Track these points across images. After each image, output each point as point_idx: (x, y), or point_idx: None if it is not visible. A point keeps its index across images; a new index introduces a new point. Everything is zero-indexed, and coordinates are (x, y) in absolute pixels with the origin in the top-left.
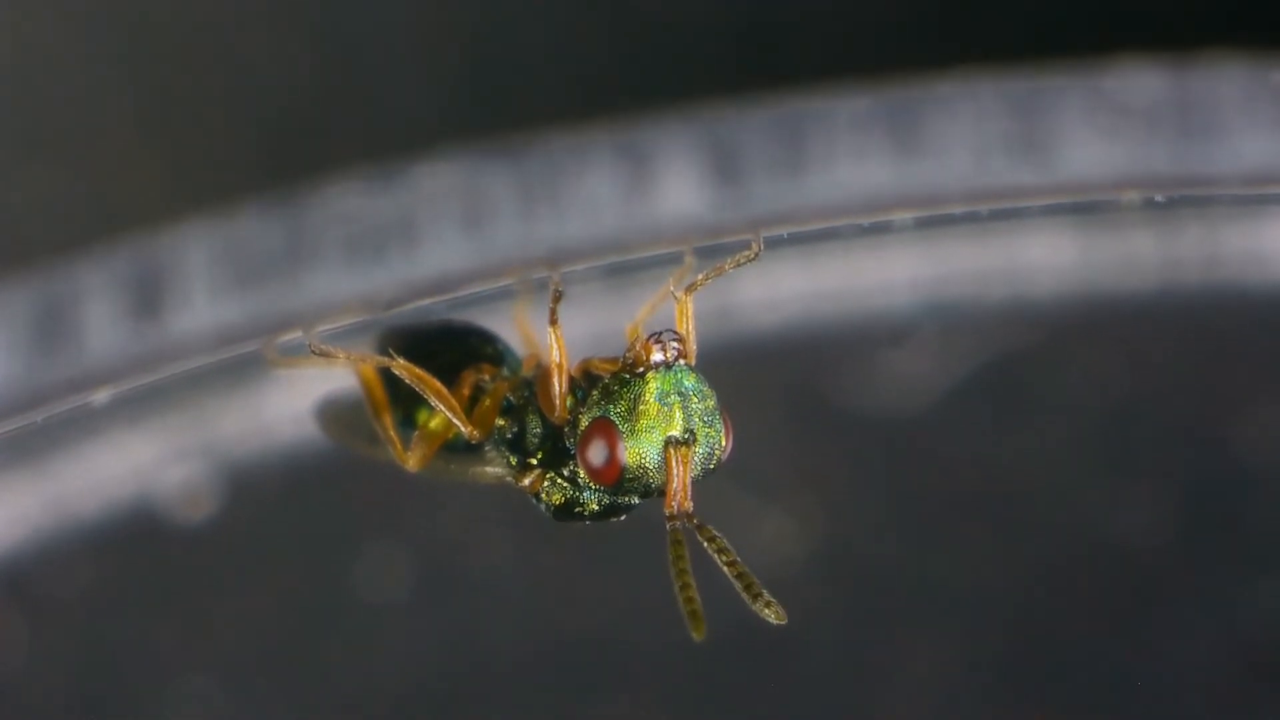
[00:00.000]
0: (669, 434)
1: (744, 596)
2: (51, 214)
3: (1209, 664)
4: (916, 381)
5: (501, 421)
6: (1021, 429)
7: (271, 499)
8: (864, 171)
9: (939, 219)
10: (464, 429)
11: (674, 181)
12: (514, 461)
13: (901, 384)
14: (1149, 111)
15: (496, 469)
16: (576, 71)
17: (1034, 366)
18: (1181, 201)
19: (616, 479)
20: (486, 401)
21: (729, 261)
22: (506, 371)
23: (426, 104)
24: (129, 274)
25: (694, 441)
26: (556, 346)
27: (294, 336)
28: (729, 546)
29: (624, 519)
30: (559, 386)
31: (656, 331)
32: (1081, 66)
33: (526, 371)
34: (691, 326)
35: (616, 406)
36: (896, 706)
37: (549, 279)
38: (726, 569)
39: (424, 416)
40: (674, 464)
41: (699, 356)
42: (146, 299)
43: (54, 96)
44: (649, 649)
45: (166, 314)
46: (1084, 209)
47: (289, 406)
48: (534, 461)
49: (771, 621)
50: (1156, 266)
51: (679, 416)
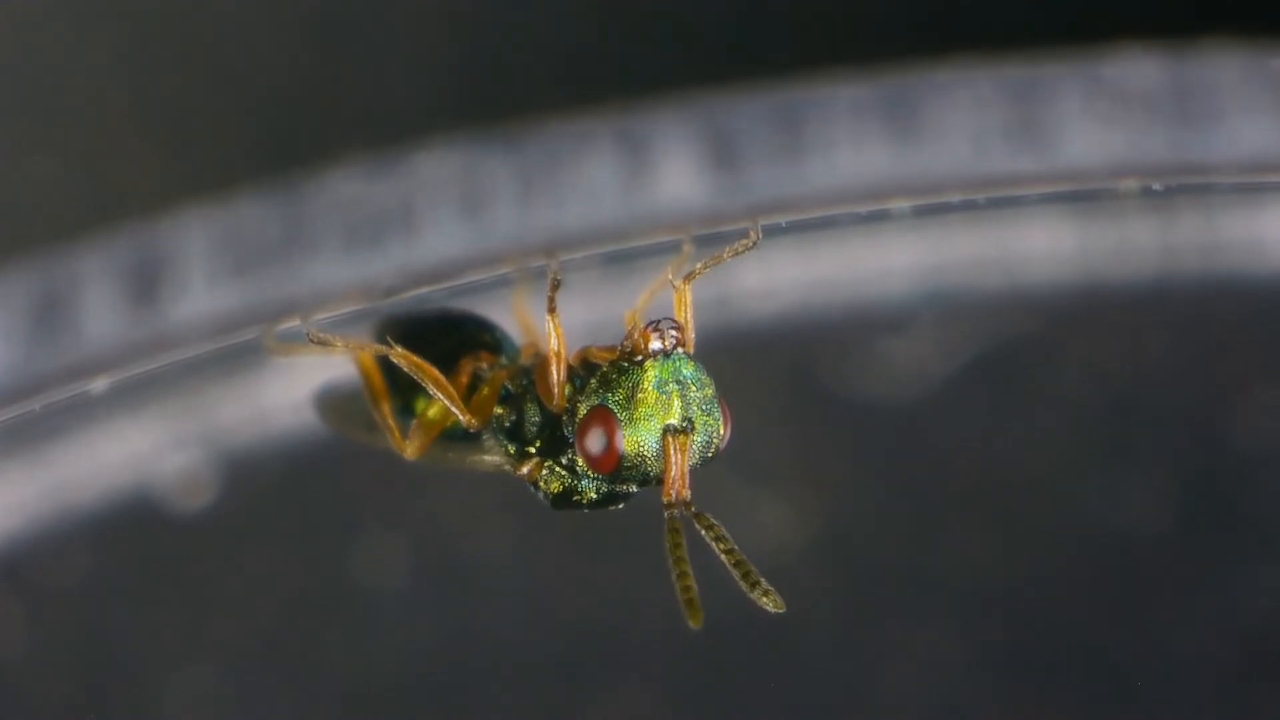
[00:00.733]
0: (667, 422)
1: (742, 585)
2: (50, 201)
3: (1210, 655)
4: (915, 370)
5: (500, 410)
6: (1020, 418)
7: (270, 487)
8: (862, 159)
9: (937, 207)
10: (462, 417)
11: (672, 169)
12: (512, 450)
13: (900, 372)
14: (1147, 98)
15: (495, 457)
16: (575, 58)
17: (1032, 355)
18: (1180, 189)
19: (614, 467)
20: (485, 390)
21: (727, 250)
22: (505, 360)
23: (425, 91)
24: (127, 261)
25: (692, 430)
26: (555, 335)
27: (292, 324)
28: (727, 535)
29: (622, 507)
30: (557, 375)
31: (655, 320)
32: (1079, 53)
33: (525, 360)
34: (690, 315)
35: (614, 395)
36: (895, 696)
37: (547, 267)
38: (724, 557)
39: (422, 405)
40: (672, 452)
41: (697, 345)
42: (145, 286)
43: (52, 84)
44: (647, 637)
45: (165, 301)
46: (1082, 197)
47: (287, 394)
48: (532, 450)
49: (769, 610)
50: (1155, 254)
51: (677, 405)
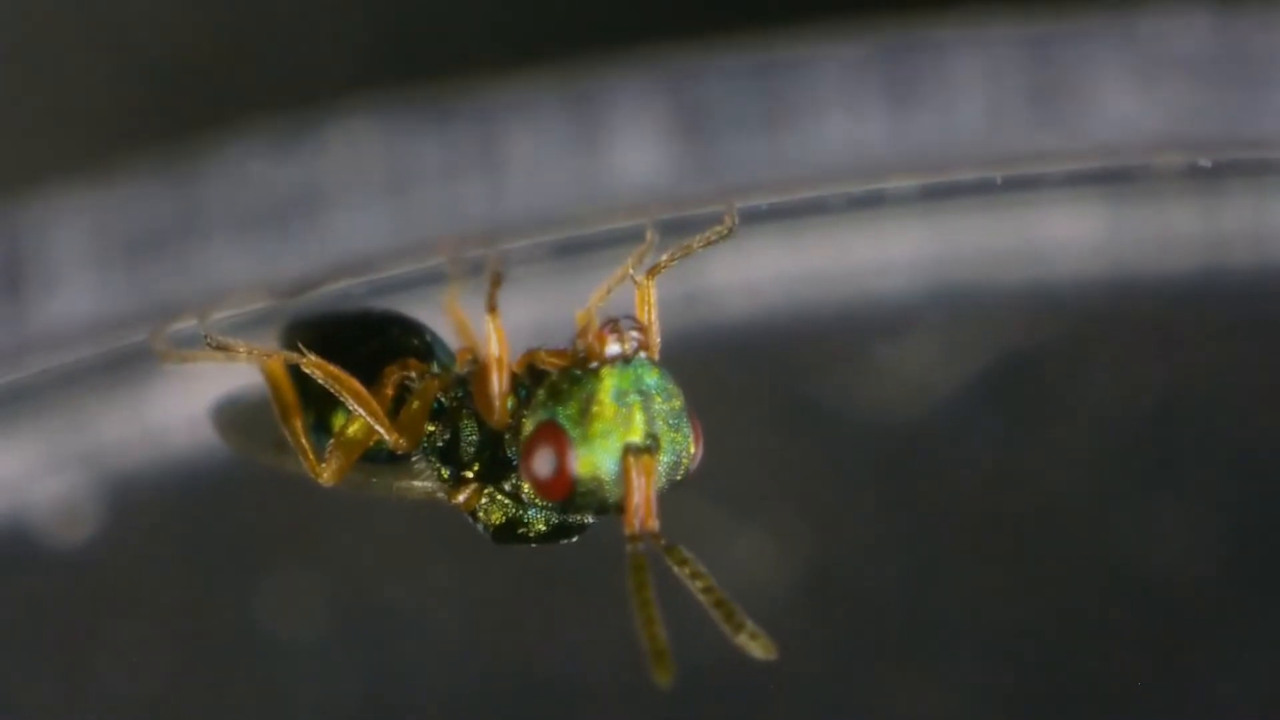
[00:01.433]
0: (628, 440)
1: (724, 628)
2: None
3: (1256, 709)
4: (917, 380)
5: (431, 427)
6: (1039, 436)
7: (162, 517)
8: (856, 130)
9: (944, 188)
10: (387, 436)
11: (632, 142)
12: (446, 474)
13: (900, 383)
14: (1192, 61)
15: (426, 483)
16: (516, 9)
17: (1054, 363)
18: (1230, 167)
19: (566, 493)
20: (414, 404)
21: (698, 238)
22: (437, 368)
23: (340, 51)
24: None
25: (657, 449)
26: (495, 338)
27: (186, 326)
28: (704, 570)
29: (575, 541)
30: (498, 385)
31: (613, 319)
32: (1113, 6)
33: (460, 367)
34: (654, 314)
35: (566, 408)
36: None
37: (485, 258)
38: (702, 596)
39: (340, 421)
40: (634, 475)
41: (663, 349)
42: (8, 281)
43: None
44: (605, 694)
45: (33, 299)
46: (1115, 176)
47: (181, 409)
48: (470, 474)
49: (757, 656)
50: (1200, 244)
51: (639, 419)
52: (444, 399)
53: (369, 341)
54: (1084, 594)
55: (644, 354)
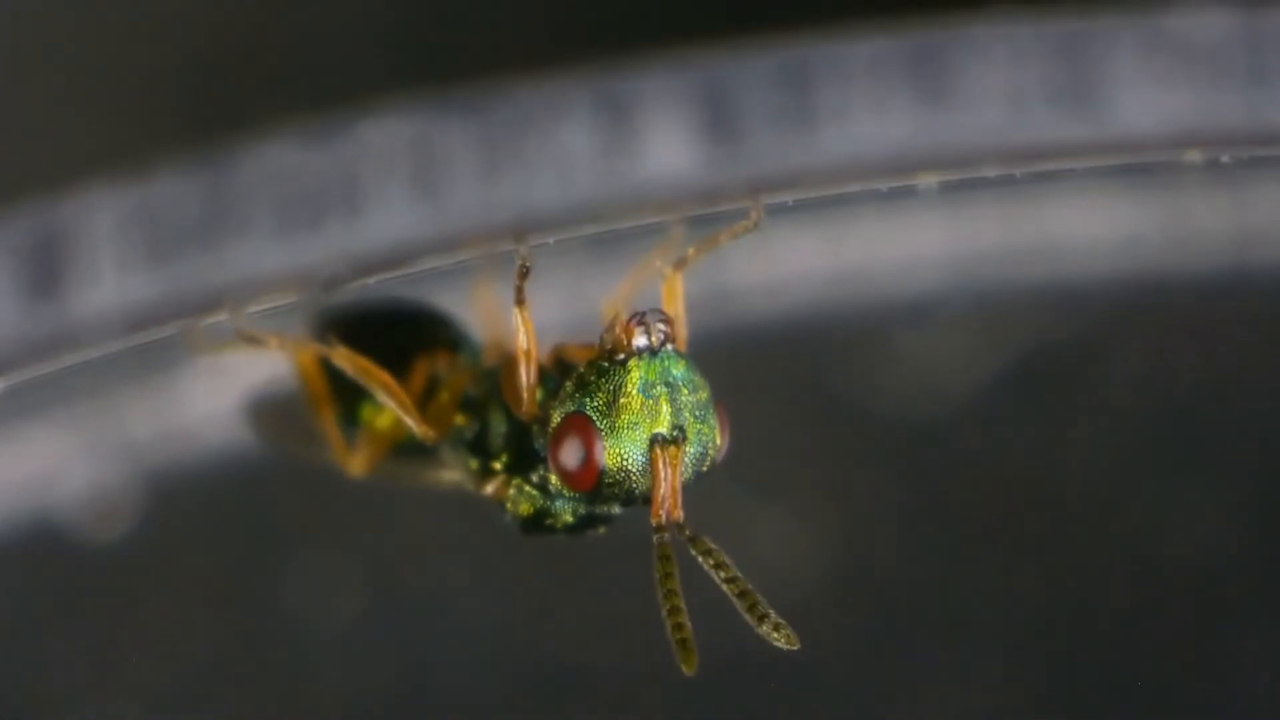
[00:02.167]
0: (655, 431)
1: (748, 619)
2: None
3: None
4: (942, 374)
5: (460, 419)
6: (1064, 431)
7: (194, 508)
8: (882, 126)
9: (970, 182)
10: (416, 428)
11: (661, 138)
12: (475, 465)
13: (924, 378)
14: (1215, 55)
15: (454, 474)
16: (548, 9)
17: (1079, 357)
18: (1254, 162)
19: (594, 484)
20: (443, 395)
21: (724, 232)
22: (465, 360)
23: (373, 46)
24: (24, 244)
25: (684, 440)
26: (523, 330)
27: (219, 319)
28: (728, 561)
29: (603, 531)
30: (526, 377)
31: (640, 312)
32: (1136, 5)
33: (488, 360)
34: (681, 307)
35: (594, 400)
36: None
37: (515, 252)
38: (726, 587)
39: (370, 413)
40: (661, 466)
41: (690, 341)
42: (45, 273)
43: None
44: (631, 684)
45: (68, 292)
46: (1139, 171)
47: (213, 401)
48: (498, 465)
49: (780, 646)
50: (1224, 239)
51: (666, 411)
52: (473, 391)
53: (399, 334)
54: (1109, 587)
55: (670, 346)
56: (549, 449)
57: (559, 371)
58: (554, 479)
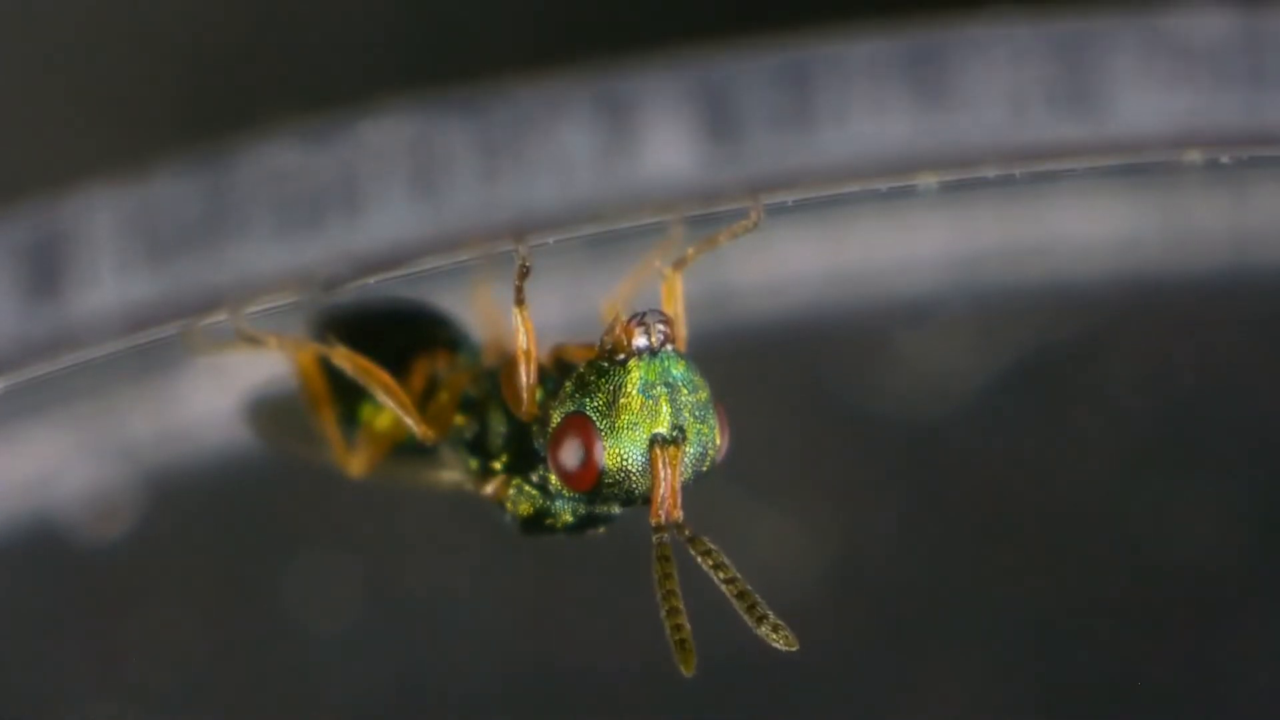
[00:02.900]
0: (655, 431)
1: (747, 619)
2: None
3: None
4: (942, 374)
5: (460, 419)
6: (1062, 431)
7: (193, 509)
8: (882, 126)
9: (969, 183)
10: (416, 428)
11: (660, 138)
12: (475, 465)
13: (924, 378)
14: (1216, 55)
15: (454, 474)
16: (547, 9)
17: (1078, 358)
18: (1253, 162)
19: (593, 484)
20: (442, 396)
21: (723, 232)
22: (465, 360)
23: (372, 46)
24: (23, 244)
25: (684, 440)
26: (523, 330)
27: (218, 319)
28: (728, 562)
29: (602, 532)
30: (526, 377)
31: (640, 312)
32: (1135, 5)
33: (488, 360)
34: (680, 307)
35: (593, 400)
36: None
37: (514, 252)
38: (725, 588)
39: (369, 413)
40: (660, 466)
41: (689, 342)
42: (45, 273)
43: None
44: (631, 684)
45: (68, 292)
46: (1139, 171)
47: (213, 401)
48: (498, 465)
49: (779, 648)
50: (1223, 240)
51: (666, 411)
52: (472, 391)
53: (398, 334)
54: (1107, 587)
55: (670, 346)
56: (549, 449)
57: (559, 372)
58: (554, 479)
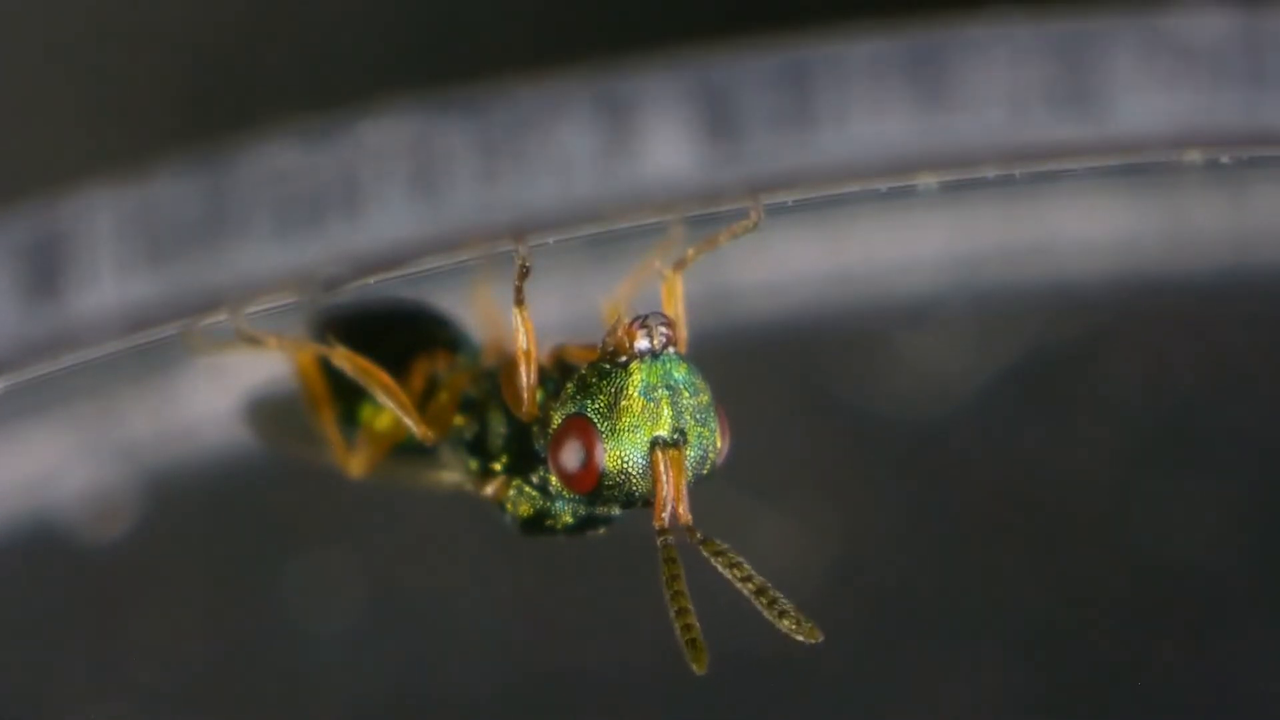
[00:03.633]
0: (656, 434)
1: (767, 615)
2: None
3: None
4: (942, 375)
5: (460, 420)
6: (1063, 431)
7: (193, 509)
8: (882, 127)
9: (969, 183)
10: (416, 429)
11: (660, 138)
12: (475, 466)
13: (924, 378)
14: (1216, 55)
15: (454, 475)
16: (547, 9)
17: (1078, 358)
18: (1253, 162)
19: (594, 486)
20: (442, 396)
21: (723, 232)
22: (465, 360)
23: (372, 46)
24: (23, 244)
25: (685, 443)
26: (523, 331)
27: (218, 319)
28: (742, 561)
29: (603, 532)
30: (527, 378)
31: (641, 314)
32: (1135, 5)
33: (488, 360)
34: (680, 307)
35: (594, 402)
36: None
37: (514, 252)
38: (742, 586)
39: (369, 414)
40: (661, 469)
41: (690, 342)
42: (45, 273)
43: None
44: (631, 684)
45: (67, 292)
46: (1138, 171)
47: (212, 402)
48: (498, 466)
49: (803, 641)
50: (1223, 240)
51: (667, 413)
52: (473, 392)
53: (398, 334)
54: (1109, 586)
55: (671, 348)
56: (549, 451)
57: (559, 372)
58: (554, 480)
